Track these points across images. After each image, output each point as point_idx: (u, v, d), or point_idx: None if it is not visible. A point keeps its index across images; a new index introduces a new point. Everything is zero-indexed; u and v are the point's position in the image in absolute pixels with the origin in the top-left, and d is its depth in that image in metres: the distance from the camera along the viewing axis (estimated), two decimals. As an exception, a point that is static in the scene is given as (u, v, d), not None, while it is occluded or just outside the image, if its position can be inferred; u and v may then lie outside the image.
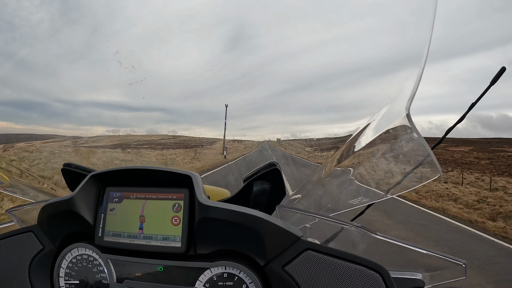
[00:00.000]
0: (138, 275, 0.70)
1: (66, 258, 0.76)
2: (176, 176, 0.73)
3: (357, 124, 0.94)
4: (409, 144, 0.71)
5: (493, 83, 0.69)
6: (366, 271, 0.61)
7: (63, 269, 0.76)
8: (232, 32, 10.08)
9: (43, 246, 0.78)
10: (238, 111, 19.52)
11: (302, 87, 7.84)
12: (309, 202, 1.00)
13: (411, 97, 0.66)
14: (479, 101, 0.73)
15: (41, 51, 2.75)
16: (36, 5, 2.76)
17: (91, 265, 0.74)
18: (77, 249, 0.76)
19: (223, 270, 0.66)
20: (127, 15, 3.55)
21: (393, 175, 0.77)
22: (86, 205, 0.75)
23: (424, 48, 0.64)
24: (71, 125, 6.44)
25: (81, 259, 0.75)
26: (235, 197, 0.93)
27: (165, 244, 0.69)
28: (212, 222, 0.66)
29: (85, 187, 0.75)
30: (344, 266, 0.62)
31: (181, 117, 24.97)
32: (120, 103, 6.90)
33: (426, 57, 0.63)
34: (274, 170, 0.88)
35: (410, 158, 0.72)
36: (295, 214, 0.84)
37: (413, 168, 0.72)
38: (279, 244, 0.65)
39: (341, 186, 0.90)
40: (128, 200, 0.74)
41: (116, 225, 0.73)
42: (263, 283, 0.65)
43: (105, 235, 0.73)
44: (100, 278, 0.72)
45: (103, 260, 0.73)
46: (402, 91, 0.73)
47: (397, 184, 0.76)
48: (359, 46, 1.66)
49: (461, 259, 0.70)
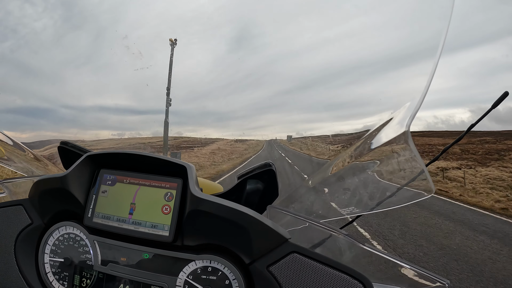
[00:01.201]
0: (123, 260, 0.71)
1: (53, 235, 0.76)
2: (171, 165, 0.73)
3: (365, 122, 0.94)
4: (406, 160, 0.72)
5: (494, 107, 0.69)
6: (350, 280, 0.61)
7: (49, 246, 0.76)
8: (236, 33, 10.11)
9: (32, 221, 0.78)
10: (244, 111, 19.52)
11: (307, 86, 7.84)
12: (300, 206, 1.01)
13: (413, 114, 0.67)
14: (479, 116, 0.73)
15: (46, 57, 2.75)
16: (39, 12, 2.77)
17: (77, 245, 0.74)
18: (65, 228, 0.76)
19: (207, 264, 0.66)
20: (131, 19, 3.56)
21: (386, 189, 0.77)
22: (79, 185, 0.75)
23: (440, 40, 0.63)
24: (78, 130, 6.43)
25: (68, 237, 0.75)
26: (227, 193, 0.94)
27: (153, 231, 0.69)
28: (202, 215, 0.67)
29: (79, 166, 0.75)
30: (328, 272, 0.62)
31: (187, 119, 25.19)
32: (126, 107, 6.92)
33: (441, 50, 0.63)
34: (269, 170, 0.88)
35: (404, 174, 0.72)
36: (285, 216, 0.85)
37: (405, 184, 0.72)
38: (267, 244, 0.65)
39: (333, 194, 0.91)
40: (121, 184, 0.75)
41: (106, 207, 0.73)
42: (246, 281, 0.65)
43: (95, 217, 0.73)
44: (85, 258, 0.72)
45: (90, 241, 0.73)
46: (409, 94, 0.73)
47: (387, 198, 0.76)
48: (365, 42, 1.66)
49: (445, 278, 0.70)
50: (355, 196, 0.82)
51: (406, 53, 1.00)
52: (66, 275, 0.73)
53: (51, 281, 0.74)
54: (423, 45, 0.74)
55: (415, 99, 0.70)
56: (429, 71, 0.66)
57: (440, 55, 0.65)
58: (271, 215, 0.85)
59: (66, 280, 0.73)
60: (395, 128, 0.73)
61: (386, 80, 6.58)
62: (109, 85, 22.44)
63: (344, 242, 0.76)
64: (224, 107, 27.39)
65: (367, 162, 0.83)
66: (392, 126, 0.77)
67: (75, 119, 14.20)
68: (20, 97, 11.59)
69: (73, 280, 0.72)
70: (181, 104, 20.23)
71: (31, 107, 13.18)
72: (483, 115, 0.71)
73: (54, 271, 0.74)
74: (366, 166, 0.84)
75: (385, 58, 8.20)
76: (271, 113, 28.71)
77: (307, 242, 0.81)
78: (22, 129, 7.37)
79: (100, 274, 0.71)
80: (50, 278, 0.74)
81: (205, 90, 26.05)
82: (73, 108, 15.58)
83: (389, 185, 0.76)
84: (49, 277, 0.74)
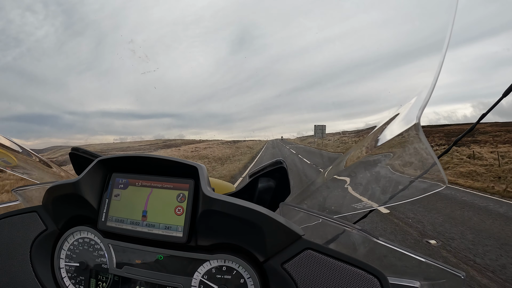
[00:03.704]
0: (138, 262, 0.71)
1: (68, 240, 0.77)
2: (182, 167, 0.74)
3: (369, 120, 0.94)
4: (417, 153, 0.71)
5: (505, 95, 0.68)
6: (365, 275, 0.61)
7: (64, 251, 0.77)
8: (236, 35, 10.11)
9: (46, 227, 0.79)
10: (248, 112, 19.44)
11: (310, 85, 7.77)
12: (312, 203, 1.01)
13: (422, 106, 0.66)
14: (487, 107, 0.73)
15: (49, 64, 2.81)
16: (41, 19, 2.82)
17: (92, 249, 0.75)
18: (79, 232, 0.76)
19: (222, 263, 0.66)
20: (131, 24, 3.62)
21: (398, 183, 0.77)
22: (91, 189, 0.76)
23: (445, 34, 0.62)
24: (82, 135, 6.50)
25: (83, 242, 0.76)
26: (239, 192, 0.94)
27: (167, 233, 0.70)
28: (215, 214, 0.67)
29: (91, 171, 0.76)
30: (343, 268, 0.62)
31: (190, 121, 25.17)
32: (129, 111, 6.99)
33: (448, 44, 0.62)
34: (280, 168, 0.88)
35: (416, 166, 0.72)
36: (298, 213, 0.84)
37: (418, 177, 0.72)
38: (280, 241, 0.65)
39: (345, 190, 0.90)
40: (133, 187, 0.75)
41: (119, 211, 0.74)
42: (261, 279, 0.65)
43: (108, 220, 0.74)
44: (100, 262, 0.73)
45: (104, 245, 0.74)
46: (415, 89, 0.72)
47: (400, 192, 0.76)
48: (367, 39, 1.65)
49: (460, 270, 0.70)
50: (368, 190, 0.82)
51: (410, 49, 0.99)
52: (82, 279, 0.74)
53: (68, 285, 0.74)
54: (428, 40, 0.74)
55: (423, 92, 0.69)
56: (436, 65, 0.66)
57: (447, 48, 0.64)
58: (284, 212, 0.84)
59: (82, 284, 0.73)
60: (404, 122, 0.73)
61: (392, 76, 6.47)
62: (112, 90, 22.32)
63: (358, 237, 0.76)
64: (227, 109, 27.36)
65: (378, 156, 0.83)
66: (401, 120, 0.76)
67: (78, 125, 14.27)
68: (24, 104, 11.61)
69: (89, 284, 0.73)
70: (183, 107, 20.16)
71: (35, 114, 13.15)
72: (494, 104, 0.70)
73: (70, 275, 0.75)
74: (377, 160, 0.83)
75: (388, 54, 8.18)
76: (275, 114, 28.53)
77: (321, 238, 0.81)
78: (27, 136, 7.45)
79: (115, 277, 0.72)
80: (66, 282, 0.75)
81: (208, 93, 26.01)
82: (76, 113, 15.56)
83: (402, 179, 0.76)
84: (65, 282, 0.75)
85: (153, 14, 5.71)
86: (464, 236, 5.16)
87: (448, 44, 0.64)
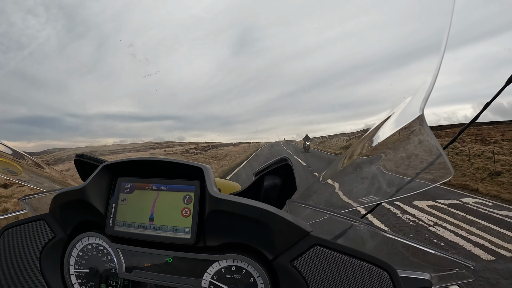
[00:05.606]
0: (147, 265, 0.71)
1: (76, 247, 0.77)
2: (187, 168, 0.74)
3: (371, 120, 0.94)
4: (422, 144, 0.71)
5: (509, 83, 0.68)
6: (374, 269, 0.60)
7: (73, 258, 0.77)
8: (237, 37, 10.07)
9: (55, 234, 0.79)
10: (249, 114, 19.28)
11: (310, 87, 7.76)
12: (319, 198, 1.00)
13: (426, 97, 0.66)
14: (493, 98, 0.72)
15: (50, 67, 2.83)
16: (42, 22, 2.83)
17: (101, 254, 0.75)
18: (87, 238, 0.77)
19: (231, 263, 0.66)
20: (133, 27, 3.63)
21: (404, 175, 0.76)
22: (98, 195, 0.76)
23: (443, 36, 0.63)
24: (83, 138, 6.54)
25: (91, 248, 0.76)
26: (245, 191, 0.94)
27: (175, 235, 0.70)
28: (222, 214, 0.67)
29: (97, 177, 0.76)
30: (352, 263, 0.62)
31: (191, 124, 25.03)
32: (131, 113, 6.99)
33: (445, 45, 0.62)
34: (285, 165, 0.88)
35: (422, 158, 0.71)
36: (305, 210, 0.84)
37: (424, 168, 0.71)
38: (288, 238, 0.65)
39: (351, 184, 0.90)
40: (139, 190, 0.75)
41: (126, 215, 0.74)
42: (270, 277, 0.65)
43: (116, 225, 0.74)
44: (110, 267, 0.73)
45: (113, 250, 0.74)
46: (417, 86, 0.72)
47: (407, 184, 0.75)
48: (368, 40, 1.64)
49: (470, 261, 0.69)
50: (374, 184, 0.82)
51: (408, 50, 0.99)
52: (92, 285, 0.74)
53: None
54: (427, 41, 0.74)
55: (427, 82, 0.69)
56: (435, 65, 0.66)
57: (445, 49, 0.64)
58: (291, 209, 0.84)
59: None
60: (408, 115, 0.72)
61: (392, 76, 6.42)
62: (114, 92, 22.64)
63: (365, 231, 0.76)
64: (229, 111, 27.07)
65: (384, 150, 0.82)
66: (404, 114, 0.76)
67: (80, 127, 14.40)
68: (26, 107, 11.77)
69: None
70: (185, 110, 20.10)
71: (37, 116, 13.23)
72: (498, 92, 0.70)
73: (80, 282, 0.75)
74: (383, 154, 0.83)
75: (387, 56, 8.13)
76: (275, 116, 28.22)
77: (329, 234, 0.81)
78: (29, 138, 7.49)
79: (125, 281, 0.72)
80: None
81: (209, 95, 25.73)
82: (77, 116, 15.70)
83: (408, 171, 0.75)
84: None
85: (154, 16, 5.74)
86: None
87: (446, 44, 0.64)
